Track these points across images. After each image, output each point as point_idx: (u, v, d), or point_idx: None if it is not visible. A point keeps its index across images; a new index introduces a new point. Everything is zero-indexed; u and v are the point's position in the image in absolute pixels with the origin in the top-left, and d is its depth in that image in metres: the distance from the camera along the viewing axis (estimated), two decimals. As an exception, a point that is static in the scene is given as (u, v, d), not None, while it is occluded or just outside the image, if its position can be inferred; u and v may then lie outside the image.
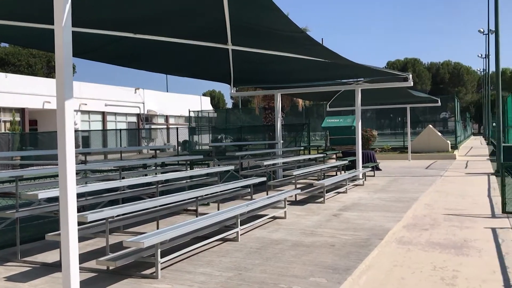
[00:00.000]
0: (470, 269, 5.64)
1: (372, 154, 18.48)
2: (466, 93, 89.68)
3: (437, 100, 22.55)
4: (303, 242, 6.84)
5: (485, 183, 14.16)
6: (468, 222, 8.46)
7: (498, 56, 17.10)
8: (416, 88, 63.43)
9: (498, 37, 17.04)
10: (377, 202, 10.56)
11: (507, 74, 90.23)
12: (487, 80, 52.30)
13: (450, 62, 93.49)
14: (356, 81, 14.60)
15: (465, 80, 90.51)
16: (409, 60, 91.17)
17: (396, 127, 42.66)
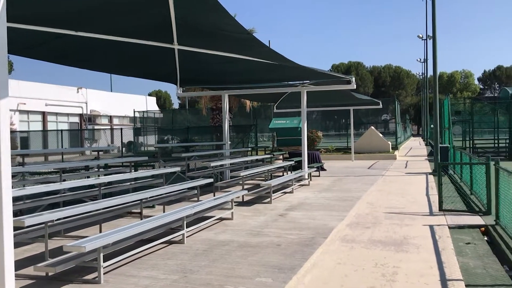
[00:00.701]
0: (409, 265, 5.88)
1: (317, 154, 18.86)
2: (406, 96, 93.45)
3: (378, 102, 23.35)
4: (250, 242, 6.86)
5: (423, 182, 14.80)
6: (408, 220, 8.81)
7: (435, 61, 17.94)
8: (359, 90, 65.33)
9: (435, 43, 17.88)
10: (322, 201, 10.78)
11: (444, 78, 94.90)
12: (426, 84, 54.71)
13: (391, 66, 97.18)
14: (302, 83, 14.84)
15: (405, 83, 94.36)
16: (353, 64, 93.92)
17: (340, 129, 43.72)
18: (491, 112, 30.63)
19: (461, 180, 14.76)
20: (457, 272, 5.56)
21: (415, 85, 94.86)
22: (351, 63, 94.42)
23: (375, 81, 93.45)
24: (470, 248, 6.96)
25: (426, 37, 49.84)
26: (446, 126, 21.37)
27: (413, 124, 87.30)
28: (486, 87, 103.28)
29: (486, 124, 31.88)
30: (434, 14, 17.91)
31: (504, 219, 7.95)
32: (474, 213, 9.42)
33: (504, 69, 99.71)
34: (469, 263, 6.15)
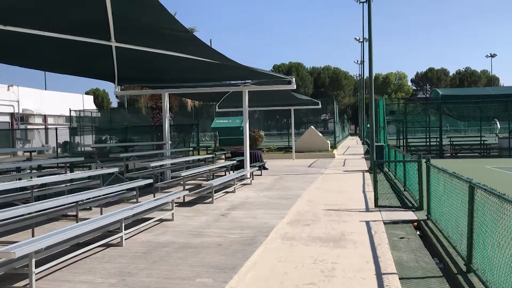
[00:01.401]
0: (347, 260, 6.05)
1: (259, 154, 19.01)
2: (344, 96, 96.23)
3: (318, 102, 23.89)
4: (191, 243, 6.80)
5: (360, 179, 15.30)
6: (346, 216, 9.07)
7: (371, 63, 18.60)
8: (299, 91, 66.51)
9: (371, 46, 18.54)
10: (264, 200, 10.87)
11: (380, 80, 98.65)
12: (362, 85, 56.61)
13: (330, 67, 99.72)
14: (243, 82, 14.89)
15: (343, 84, 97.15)
16: (293, 64, 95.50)
17: (282, 128, 44.36)
18: (423, 112, 32.19)
19: (396, 177, 15.40)
20: (391, 266, 5.79)
21: (352, 86, 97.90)
22: (292, 64, 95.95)
23: (314, 81, 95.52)
24: (404, 243, 7.28)
25: (363, 39, 51.56)
26: (382, 125, 22.19)
27: (350, 123, 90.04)
28: (418, 88, 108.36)
29: (418, 123, 33.47)
30: (370, 17, 18.56)
31: (434, 214, 8.38)
32: (407, 209, 9.85)
33: (435, 71, 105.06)
34: (402, 257, 6.43)
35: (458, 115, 32.86)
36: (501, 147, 27.33)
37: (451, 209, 6.79)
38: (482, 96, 30.41)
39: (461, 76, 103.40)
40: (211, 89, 15.41)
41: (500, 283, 4.40)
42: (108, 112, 47.62)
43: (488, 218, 4.91)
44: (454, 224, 6.58)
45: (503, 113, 29.70)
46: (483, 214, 5.08)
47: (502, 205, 4.42)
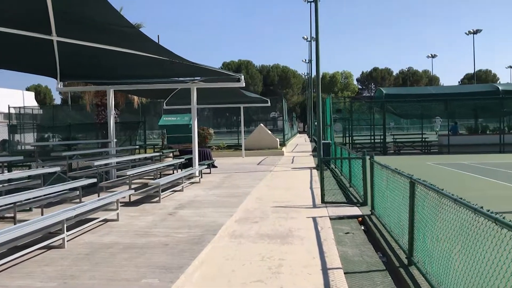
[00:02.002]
0: (294, 256, 6.12)
1: (208, 152, 18.89)
2: (293, 95, 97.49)
3: (267, 100, 24.06)
4: (136, 243, 6.65)
5: (308, 176, 15.54)
6: (293, 213, 9.17)
7: (318, 62, 18.92)
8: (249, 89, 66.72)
9: (318, 45, 18.85)
10: (212, 198, 10.81)
11: (327, 79, 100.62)
12: (310, 83, 57.56)
13: (279, 66, 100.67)
14: (192, 80, 14.74)
15: (292, 82, 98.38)
16: (243, 62, 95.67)
17: (231, 126, 44.35)
18: (368, 110, 33.17)
19: (342, 174, 15.75)
20: (337, 261, 5.91)
21: (301, 84, 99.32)
22: (241, 62, 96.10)
23: (264, 79, 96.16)
24: (349, 238, 7.45)
25: (311, 39, 52.41)
26: (328, 123, 22.65)
27: (299, 121, 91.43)
28: (364, 87, 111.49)
29: (363, 121, 34.47)
30: (317, 17, 18.85)
31: (378, 209, 8.63)
32: (352, 205, 10.09)
33: (380, 70, 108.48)
34: (348, 252, 6.58)
35: (401, 113, 34.12)
36: (440, 144, 28.63)
37: (393, 204, 7.02)
38: (423, 95, 31.64)
39: (404, 75, 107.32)
40: (159, 86, 15.15)
41: (439, 274, 4.59)
42: (50, 109, 45.73)
43: (427, 212, 5.10)
44: (396, 218, 6.80)
45: (443, 112, 31.11)
46: (423, 208, 5.27)
47: (441, 199, 4.59)
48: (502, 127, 27.63)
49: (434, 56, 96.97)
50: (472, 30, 79.84)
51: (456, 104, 29.13)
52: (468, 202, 3.82)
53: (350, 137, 29.61)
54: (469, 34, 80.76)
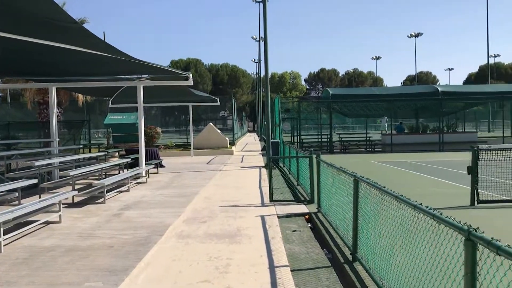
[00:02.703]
0: (241, 255, 6.12)
1: (155, 151, 18.57)
2: (242, 94, 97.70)
3: (216, 99, 23.97)
4: (79, 246, 6.43)
5: (257, 175, 15.62)
6: (242, 212, 9.18)
7: (266, 62, 19.05)
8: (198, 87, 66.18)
9: (266, 45, 18.98)
10: (160, 198, 10.64)
11: (275, 79, 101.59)
12: (259, 83, 57.91)
13: (228, 65, 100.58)
14: (139, 77, 14.44)
15: (242, 82, 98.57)
16: (192, 60, 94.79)
17: (180, 125, 43.82)
18: (315, 110, 33.80)
19: (290, 172, 15.95)
20: (284, 258, 5.97)
21: (250, 84, 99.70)
22: (190, 60, 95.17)
23: (213, 78, 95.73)
24: (296, 235, 7.55)
25: (259, 38, 52.71)
26: (277, 122, 22.88)
27: (249, 120, 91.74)
28: (311, 88, 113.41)
29: (311, 121, 35.09)
30: (265, 17, 18.97)
31: (324, 206, 8.81)
32: (300, 202, 10.24)
33: (327, 71, 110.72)
34: (294, 249, 6.66)
35: (347, 113, 35.03)
36: (384, 143, 29.60)
37: (338, 201, 7.18)
38: (367, 96, 32.61)
39: (349, 76, 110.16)
40: (104, 84, 14.72)
41: (381, 269, 4.74)
42: (-13, 107, 43.40)
43: (370, 209, 5.25)
44: (341, 215, 6.96)
45: (387, 112, 32.19)
46: (366, 205, 5.42)
47: (383, 197, 4.74)
48: (441, 127, 28.92)
49: (378, 58, 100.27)
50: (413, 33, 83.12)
51: (398, 105, 30.21)
52: (408, 199, 3.95)
53: (298, 136, 30.06)
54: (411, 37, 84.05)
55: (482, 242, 2.60)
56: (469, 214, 8.75)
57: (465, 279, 2.80)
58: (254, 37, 58.58)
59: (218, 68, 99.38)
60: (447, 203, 9.80)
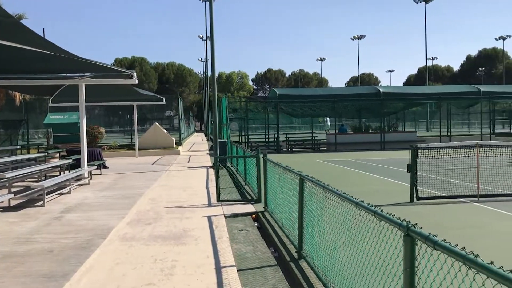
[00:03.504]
0: (187, 257, 6.04)
1: (98, 151, 18.01)
2: (189, 93, 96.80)
3: (162, 98, 23.59)
4: (16, 252, 6.12)
5: (204, 175, 15.51)
6: (188, 213, 9.08)
7: (213, 61, 18.97)
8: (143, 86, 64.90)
9: (213, 44, 18.89)
10: (103, 200, 10.33)
11: (223, 78, 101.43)
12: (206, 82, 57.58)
13: (175, 64, 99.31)
14: (81, 76, 13.93)
15: (188, 81, 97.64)
16: (137, 59, 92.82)
17: (125, 125, 42.73)
18: (263, 110, 34.06)
19: (238, 172, 15.97)
20: (230, 259, 5.95)
21: (197, 83, 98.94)
22: (135, 58, 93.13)
23: (159, 77, 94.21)
24: (243, 235, 7.56)
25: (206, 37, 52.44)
26: (225, 122, 22.84)
27: (196, 120, 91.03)
28: (259, 88, 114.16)
29: (259, 120, 35.32)
30: (211, 16, 18.88)
31: (271, 205, 8.88)
32: (247, 202, 10.27)
33: (273, 71, 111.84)
34: (241, 249, 6.67)
35: (293, 113, 35.52)
36: (329, 143, 30.29)
37: (285, 200, 7.26)
38: (313, 96, 33.24)
39: (296, 77, 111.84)
40: (43, 82, 14.10)
41: (326, 266, 4.83)
42: None
43: (315, 207, 5.34)
44: (287, 214, 7.04)
45: (331, 112, 32.95)
46: (311, 203, 5.51)
47: (327, 194, 4.83)
48: (382, 126, 29.95)
49: (323, 60, 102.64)
50: (356, 36, 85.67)
51: (342, 105, 31.02)
52: (351, 196, 4.05)
53: (246, 136, 30.15)
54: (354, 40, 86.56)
55: (420, 238, 2.69)
56: (409, 211, 9.10)
57: (404, 274, 2.89)
58: (201, 36, 58.30)
59: (164, 67, 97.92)
60: (388, 200, 10.15)
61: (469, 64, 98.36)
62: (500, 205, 9.40)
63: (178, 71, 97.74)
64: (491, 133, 31.70)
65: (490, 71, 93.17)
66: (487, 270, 2.07)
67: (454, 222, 8.22)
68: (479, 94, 32.12)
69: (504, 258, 5.76)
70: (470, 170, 11.06)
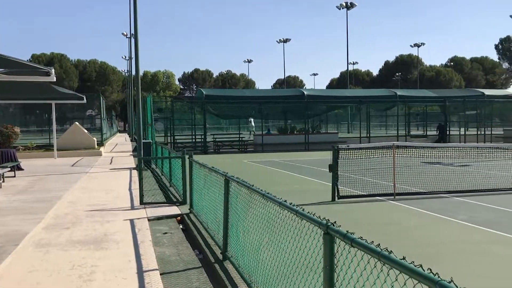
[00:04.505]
0: (108, 262, 5.81)
1: (13, 152, 16.88)
2: (112, 92, 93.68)
3: (82, 97, 22.57)
4: None
5: (127, 177, 15.04)
6: (110, 216, 8.75)
7: (137, 59, 18.45)
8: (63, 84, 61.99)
9: (137, 42, 18.37)
10: (16, 204, 9.68)
11: (148, 77, 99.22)
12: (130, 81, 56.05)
13: (97, 61, 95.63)
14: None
15: (111, 79, 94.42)
16: (56, 55, 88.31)
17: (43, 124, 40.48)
18: (190, 110, 33.72)
19: (163, 173, 15.66)
20: (153, 262, 5.80)
21: (121, 81, 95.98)
22: (54, 55, 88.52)
23: (80, 75, 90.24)
24: (167, 238, 7.41)
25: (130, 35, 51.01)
26: (149, 122, 22.35)
27: (119, 120, 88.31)
28: (186, 87, 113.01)
29: (185, 121, 34.94)
30: (135, 13, 18.35)
31: (196, 207, 8.79)
32: (172, 204, 10.09)
33: (201, 72, 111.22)
34: (165, 252, 6.53)
35: (220, 114, 35.51)
36: (255, 143, 30.62)
37: (210, 201, 7.21)
38: (240, 97, 33.45)
39: (223, 78, 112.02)
40: None
41: (250, 266, 4.84)
42: None
43: (240, 207, 5.34)
44: (213, 215, 7.00)
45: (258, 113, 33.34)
46: (236, 204, 5.51)
47: (251, 195, 4.85)
48: (307, 128, 30.78)
49: (250, 61, 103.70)
50: (282, 39, 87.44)
51: (269, 107, 31.50)
52: (274, 196, 4.09)
53: (172, 136, 29.68)
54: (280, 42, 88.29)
55: (339, 235, 2.76)
56: (331, 209, 9.41)
57: (324, 271, 2.96)
58: (125, 33, 56.64)
59: (86, 64, 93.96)
60: (311, 199, 10.43)
61: (387, 69, 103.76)
62: (414, 203, 9.98)
63: (101, 69, 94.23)
64: (406, 134, 33.64)
65: (406, 76, 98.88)
66: (400, 266, 2.16)
67: (372, 220, 8.61)
68: (395, 98, 34.01)
69: (416, 254, 6.12)
70: (388, 169, 11.64)
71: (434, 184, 11.58)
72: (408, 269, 2.10)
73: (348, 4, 61.71)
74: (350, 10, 62.34)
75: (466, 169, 15.19)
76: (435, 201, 10.20)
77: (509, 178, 12.67)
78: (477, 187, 11.40)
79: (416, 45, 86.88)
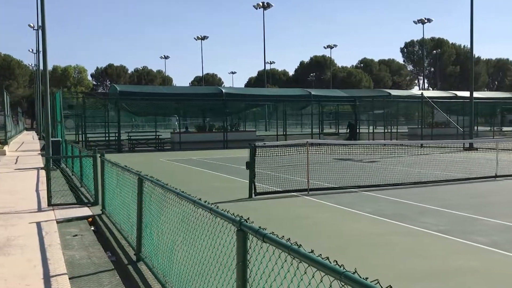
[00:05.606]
0: (10, 268, 5.42)
1: None
2: (18, 87, 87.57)
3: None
4: None
5: (35, 177, 14.15)
6: (15, 219, 8.19)
7: (45, 53, 17.37)
8: (-40, 77, 56.81)
9: (45, 34, 17.30)
10: None
11: (58, 72, 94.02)
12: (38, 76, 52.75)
13: (0, 54, 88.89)
14: None
15: (17, 74, 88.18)
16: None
17: None
18: (103, 107, 32.40)
19: (73, 173, 14.92)
20: (62, 266, 5.51)
21: (28, 76, 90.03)
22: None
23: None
24: (77, 240, 7.07)
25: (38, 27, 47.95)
26: (59, 119, 21.19)
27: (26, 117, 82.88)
28: (99, 83, 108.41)
29: (98, 118, 33.54)
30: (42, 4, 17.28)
31: (109, 207, 8.47)
32: (83, 205, 9.65)
33: (115, 67, 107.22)
34: (75, 255, 6.22)
35: (135, 111, 34.50)
36: (173, 142, 30.15)
37: (123, 201, 6.99)
38: (156, 94, 32.73)
39: (139, 74, 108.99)
40: None
41: (164, 267, 4.76)
42: None
43: (154, 207, 5.23)
44: (126, 216, 6.79)
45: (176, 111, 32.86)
46: (150, 204, 5.39)
47: (166, 194, 4.77)
48: (225, 126, 30.87)
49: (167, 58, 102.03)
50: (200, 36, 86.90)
51: (186, 104, 31.14)
52: (189, 195, 4.05)
53: (84, 134, 28.34)
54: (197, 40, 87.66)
55: (251, 231, 2.79)
56: (247, 206, 9.52)
57: (237, 268, 2.98)
58: (31, 25, 53.13)
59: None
60: (228, 196, 10.48)
61: (302, 69, 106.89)
62: (326, 198, 10.39)
63: (5, 62, 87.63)
64: (320, 132, 34.91)
65: (320, 76, 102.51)
66: (308, 259, 2.23)
67: (286, 215, 8.83)
68: (310, 97, 35.16)
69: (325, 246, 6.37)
70: (302, 166, 12.01)
71: (345, 179, 12.13)
72: (315, 261, 2.17)
73: (265, 4, 62.65)
74: (266, 10, 63.32)
75: (374, 165, 16.11)
76: (345, 196, 10.69)
77: (412, 173, 13.62)
78: (384, 182, 12.11)
79: (329, 47, 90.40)
